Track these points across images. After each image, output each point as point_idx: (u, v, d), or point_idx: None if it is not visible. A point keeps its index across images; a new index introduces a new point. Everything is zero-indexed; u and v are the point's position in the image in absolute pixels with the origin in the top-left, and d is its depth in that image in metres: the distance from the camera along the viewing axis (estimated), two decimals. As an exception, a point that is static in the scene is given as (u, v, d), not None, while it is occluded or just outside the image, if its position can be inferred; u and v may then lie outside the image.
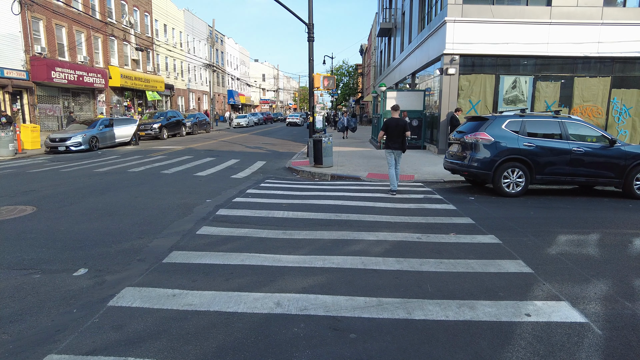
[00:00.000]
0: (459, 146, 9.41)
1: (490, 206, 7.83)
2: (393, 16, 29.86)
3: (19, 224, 6.20)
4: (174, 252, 4.98)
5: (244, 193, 8.69)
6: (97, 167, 12.52)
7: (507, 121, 8.94)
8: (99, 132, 18.67)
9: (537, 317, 3.46)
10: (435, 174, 11.31)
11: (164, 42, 37.21)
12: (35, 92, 22.31)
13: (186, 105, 43.51)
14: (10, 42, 20.66)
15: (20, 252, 5.00)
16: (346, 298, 3.77)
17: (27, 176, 10.87)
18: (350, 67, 65.72)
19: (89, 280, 4.16)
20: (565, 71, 15.64)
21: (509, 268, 4.60)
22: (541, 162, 8.69)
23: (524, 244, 5.48)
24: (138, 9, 32.88)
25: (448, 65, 15.40)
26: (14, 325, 3.30)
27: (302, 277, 4.26)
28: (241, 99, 63.79)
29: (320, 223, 6.34)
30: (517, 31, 15.14)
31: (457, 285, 4.13)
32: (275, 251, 5.04)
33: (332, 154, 12.93)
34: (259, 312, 3.50)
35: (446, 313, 3.54)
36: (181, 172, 11.75)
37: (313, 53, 14.69)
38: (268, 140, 25.71)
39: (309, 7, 14.40)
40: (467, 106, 15.78)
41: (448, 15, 15.06)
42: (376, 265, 4.59)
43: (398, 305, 3.65)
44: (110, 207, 7.30)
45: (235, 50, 62.17)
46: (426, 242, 5.46)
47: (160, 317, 3.40)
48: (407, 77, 23.76)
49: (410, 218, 6.71)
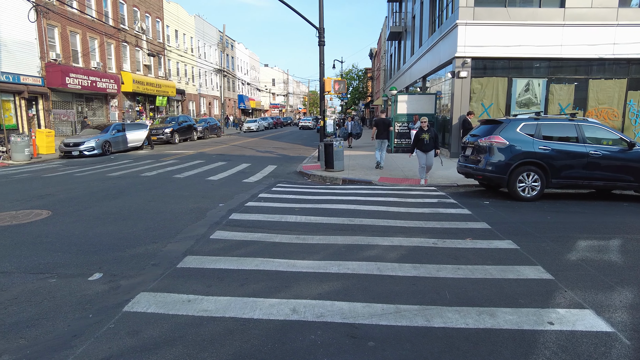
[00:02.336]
0: (473, 150, 9.29)
1: (506, 210, 7.70)
2: (403, 20, 29.80)
3: (35, 228, 6.25)
4: (188, 256, 4.96)
5: (256, 197, 8.67)
6: (110, 172, 12.64)
7: (522, 124, 8.81)
8: (112, 136, 18.88)
9: (561, 326, 3.36)
10: (449, 177, 11.19)
11: (175, 47, 37.60)
12: (50, 98, 22.67)
13: (197, 110, 43.85)
14: (26, 49, 21.04)
15: (37, 256, 5.03)
16: (363, 305, 3.71)
17: (43, 180, 11.00)
18: (359, 71, 65.74)
19: (104, 285, 4.16)
20: (579, 73, 15.41)
21: (529, 274, 4.49)
22: (557, 166, 8.53)
23: (543, 249, 5.36)
24: (150, 15, 33.30)
25: (460, 69, 15.27)
26: (31, 330, 3.30)
27: (318, 282, 4.21)
28: (251, 104, 64.14)
29: (333, 228, 6.29)
30: (530, 33, 14.97)
31: (475, 291, 4.04)
32: (290, 256, 4.99)
33: (343, 158, 12.88)
34: (275, 319, 3.45)
35: (466, 321, 3.45)
36: (193, 176, 11.79)
37: (324, 57, 14.69)
38: (278, 144, 25.76)
39: (319, 11, 14.42)
40: (480, 109, 15.63)
41: (459, 18, 14.95)
42: (392, 271, 4.52)
43: (416, 313, 3.58)
44: (124, 212, 7.34)
45: (245, 55, 62.61)
46: (442, 248, 5.37)
47: (176, 323, 3.37)
48: (417, 80, 23.64)
49: (424, 223, 6.62)
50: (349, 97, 61.17)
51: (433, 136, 10.36)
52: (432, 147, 10.41)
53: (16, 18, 20.19)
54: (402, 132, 18.03)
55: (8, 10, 19.77)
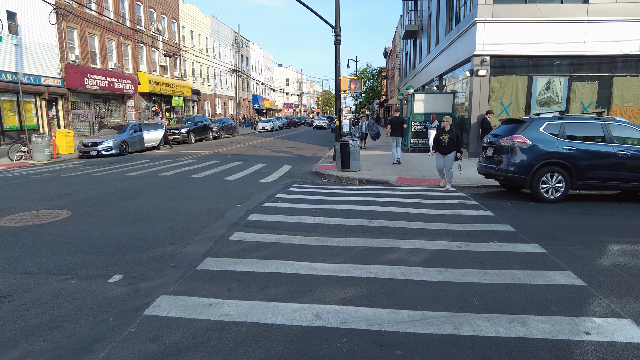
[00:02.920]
0: (494, 150, 9.07)
1: (530, 212, 7.48)
2: (419, 18, 29.46)
3: (55, 228, 6.29)
4: (207, 258, 4.91)
5: (273, 198, 8.61)
6: (127, 172, 12.74)
7: (546, 124, 8.55)
8: (129, 136, 19.08)
9: (599, 337, 3.19)
10: (468, 178, 10.96)
11: (190, 48, 37.91)
12: (69, 99, 23.05)
13: (212, 110, 44.16)
14: (47, 52, 21.43)
15: (58, 256, 5.04)
16: (388, 311, 3.59)
17: (62, 180, 11.14)
18: (374, 70, 65.35)
19: (124, 287, 4.12)
20: (603, 71, 14.97)
21: (559, 280, 4.31)
22: (582, 166, 8.26)
23: (572, 253, 5.16)
24: (166, 16, 33.62)
25: (478, 67, 14.98)
26: (53, 334, 3.27)
27: (340, 287, 4.11)
28: (265, 104, 64.34)
29: (353, 229, 6.17)
30: (551, 30, 14.59)
31: (504, 298, 3.89)
32: (310, 259, 4.90)
33: (359, 158, 12.74)
34: (298, 325, 3.36)
35: (496, 329, 3.31)
36: (210, 176, 11.80)
37: (340, 56, 14.57)
38: (293, 144, 25.73)
39: (335, 10, 14.31)
40: (499, 108, 15.31)
41: (478, 15, 14.66)
42: (417, 275, 4.39)
43: (444, 320, 3.44)
44: (143, 212, 7.34)
45: (259, 55, 62.82)
46: (466, 251, 5.21)
47: (197, 328, 3.31)
48: (434, 79, 23.33)
49: (447, 225, 6.46)
50: (363, 96, 60.87)
51: (454, 138, 9.60)
52: (450, 149, 9.60)
53: (38, 21, 20.58)
54: (419, 132, 17.79)
55: (30, 13, 20.16)
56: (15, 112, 20.23)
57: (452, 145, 9.61)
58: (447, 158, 9.70)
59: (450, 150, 9.65)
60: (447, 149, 9.68)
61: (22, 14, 19.82)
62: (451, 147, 9.63)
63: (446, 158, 9.73)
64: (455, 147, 9.60)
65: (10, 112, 20.13)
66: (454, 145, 9.60)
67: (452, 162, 9.70)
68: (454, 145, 9.60)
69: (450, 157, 9.67)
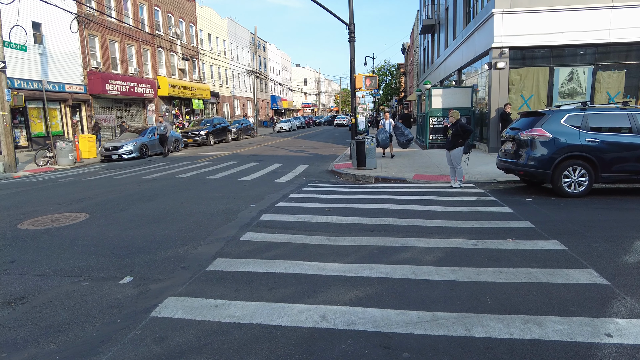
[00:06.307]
0: (513, 144, 8.78)
1: (551, 208, 7.20)
2: (436, 12, 28.97)
3: (72, 231, 6.42)
4: (217, 259, 4.90)
5: (287, 197, 8.58)
6: (146, 174, 12.95)
7: (567, 115, 8.22)
8: (149, 140, 19.43)
9: (621, 339, 3.01)
10: (487, 174, 10.67)
11: (208, 51, 38.38)
12: (92, 104, 23.66)
13: (231, 112, 44.60)
14: (70, 59, 22.06)
15: (72, 258, 5.13)
16: (397, 312, 3.49)
17: (83, 184, 11.41)
18: (392, 66, 64.72)
19: (133, 289, 4.15)
20: (631, 58, 14.32)
21: (579, 278, 4.11)
22: (607, 159, 7.90)
23: (594, 250, 4.92)
24: (184, 20, 34.12)
25: (497, 59, 14.57)
26: (62, 335, 3.31)
27: (349, 287, 4.02)
28: (284, 104, 64.60)
29: (365, 228, 6.07)
30: (573, 19, 14.05)
31: (520, 297, 3.72)
32: (320, 259, 4.83)
33: (375, 156, 12.59)
34: (303, 326, 3.29)
35: (510, 330, 3.16)
36: (226, 177, 11.88)
37: (354, 53, 14.45)
38: (310, 143, 25.70)
39: (349, 7, 14.19)
40: (519, 101, 14.86)
41: (496, 6, 14.26)
42: (428, 275, 4.26)
43: (455, 321, 3.32)
44: (157, 214, 7.43)
45: (277, 56, 63.11)
46: (482, 249, 5.04)
47: (202, 330, 3.28)
48: (452, 73, 22.88)
49: (463, 222, 6.28)
50: (382, 93, 60.34)
51: (458, 132, 9.04)
52: (453, 144, 9.13)
53: (61, 30, 21.19)
54: (437, 127, 17.47)
55: (54, 23, 20.77)
56: (42, 119, 20.89)
57: (457, 140, 9.15)
58: (452, 153, 9.23)
59: (454, 145, 9.18)
60: (450, 144, 9.27)
61: (46, 24, 20.43)
62: (455, 142, 9.16)
63: (451, 154, 9.26)
64: (459, 141, 9.12)
65: (37, 119, 20.79)
66: (459, 139, 9.14)
67: (458, 157, 9.19)
68: (459, 139, 9.14)
69: (456, 153, 9.18)
